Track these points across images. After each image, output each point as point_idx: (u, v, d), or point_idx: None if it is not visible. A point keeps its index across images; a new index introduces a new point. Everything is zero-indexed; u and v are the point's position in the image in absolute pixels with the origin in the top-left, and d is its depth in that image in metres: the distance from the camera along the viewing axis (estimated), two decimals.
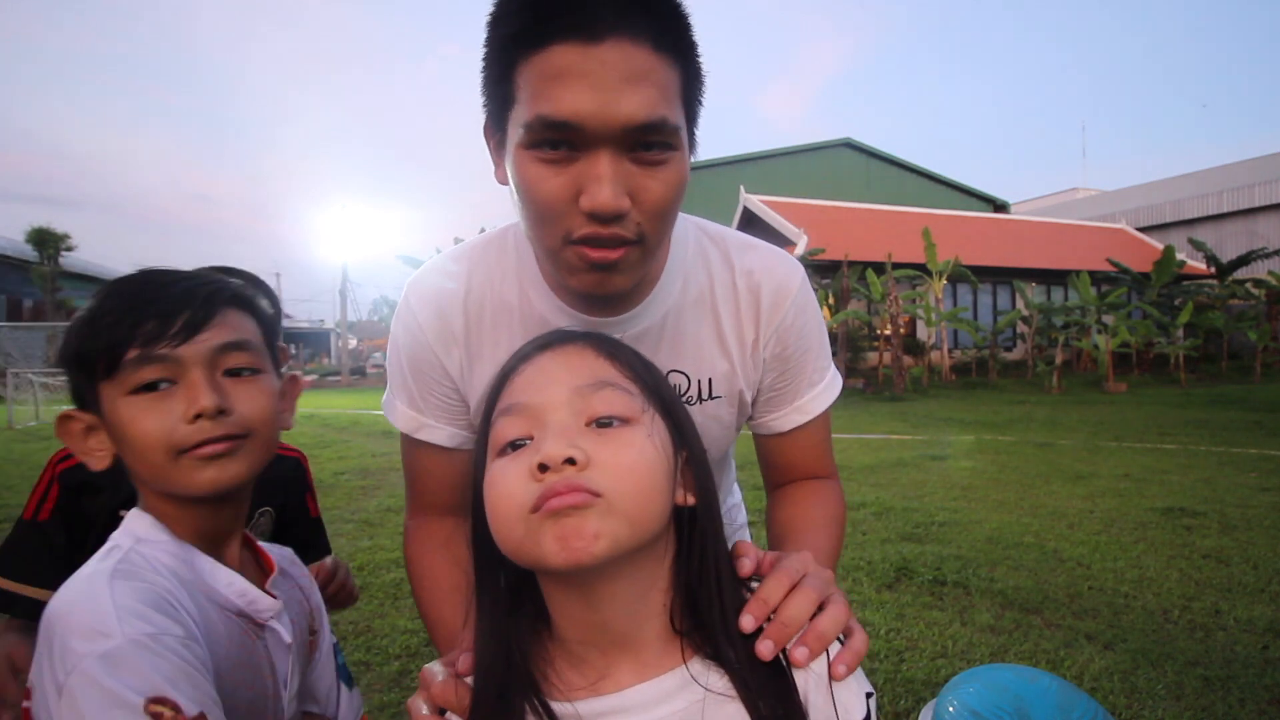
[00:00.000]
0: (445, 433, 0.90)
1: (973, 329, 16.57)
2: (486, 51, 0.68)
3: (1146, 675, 2.41)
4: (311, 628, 0.87)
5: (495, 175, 0.74)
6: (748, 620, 0.59)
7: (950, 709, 1.02)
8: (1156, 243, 22.20)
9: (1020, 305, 18.75)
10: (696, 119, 0.71)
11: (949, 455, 6.85)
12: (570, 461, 0.54)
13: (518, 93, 0.65)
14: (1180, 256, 18.17)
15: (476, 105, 0.74)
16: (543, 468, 0.54)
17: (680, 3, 0.66)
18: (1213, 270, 18.87)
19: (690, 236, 0.87)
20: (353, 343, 36.35)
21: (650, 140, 0.64)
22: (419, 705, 0.63)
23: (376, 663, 2.64)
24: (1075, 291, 17.10)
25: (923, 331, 18.05)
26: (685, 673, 0.59)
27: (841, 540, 0.93)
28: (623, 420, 0.58)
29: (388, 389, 0.93)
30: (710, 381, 0.88)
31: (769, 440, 0.97)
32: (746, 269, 0.87)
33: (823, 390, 0.94)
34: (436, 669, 0.64)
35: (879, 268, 16.39)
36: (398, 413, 0.91)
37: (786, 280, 0.88)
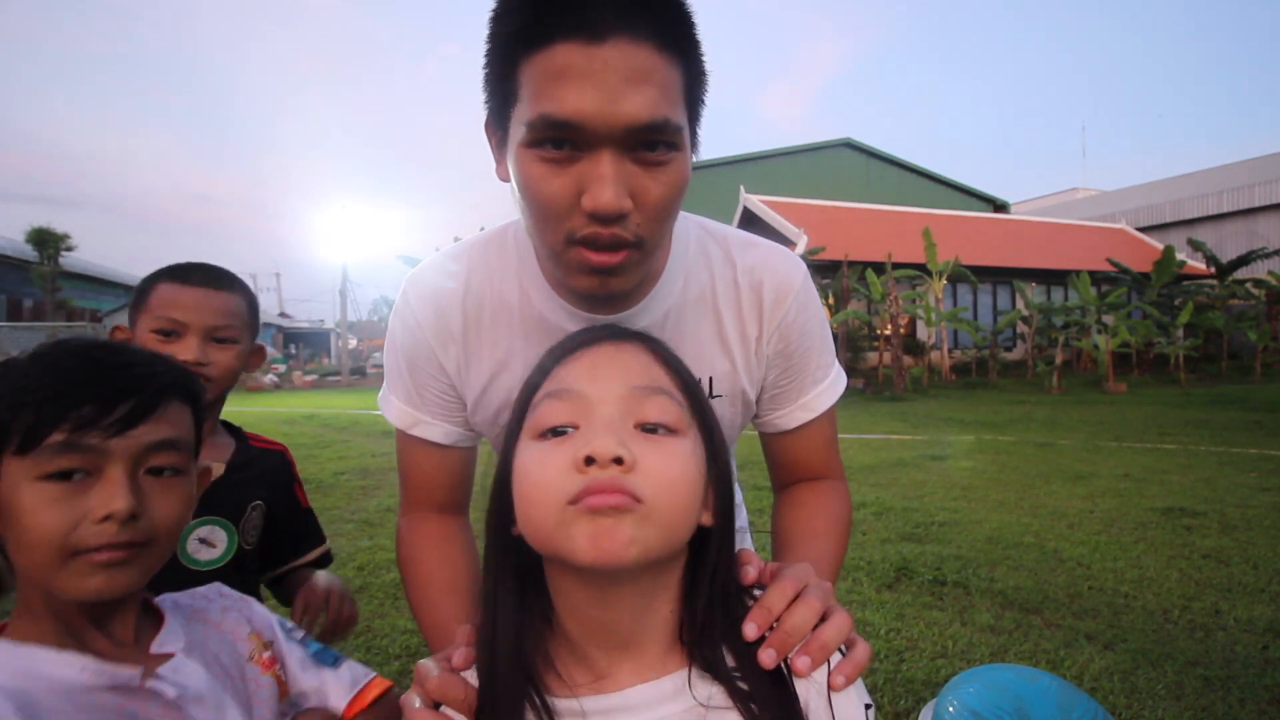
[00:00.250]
0: (441, 429, 0.90)
1: (973, 329, 16.56)
2: (488, 48, 0.68)
3: (1146, 675, 2.41)
4: (258, 647, 0.79)
5: (496, 172, 0.74)
6: (751, 628, 0.60)
7: (950, 709, 1.02)
8: (1156, 243, 22.19)
9: (1020, 305, 18.75)
10: (699, 119, 0.71)
11: (949, 455, 6.85)
12: (618, 461, 0.53)
13: (520, 90, 0.64)
14: (1180, 256, 18.17)
15: (477, 105, 0.73)
16: (589, 461, 0.53)
17: (684, 1, 0.66)
18: (1213, 270, 18.87)
19: (692, 235, 0.87)
20: (353, 343, 36.32)
21: (653, 140, 0.64)
22: (413, 700, 0.62)
23: (376, 663, 2.64)
24: (1075, 291, 17.09)
25: (923, 331, 18.05)
26: (685, 679, 0.59)
27: (846, 544, 0.95)
28: (669, 430, 0.58)
29: (384, 385, 0.93)
30: (711, 380, 0.88)
31: (775, 439, 0.97)
32: (749, 266, 0.87)
33: (827, 387, 0.94)
34: (431, 664, 0.64)
35: (879, 268, 16.38)
36: (394, 408, 0.91)
37: (789, 277, 0.88)
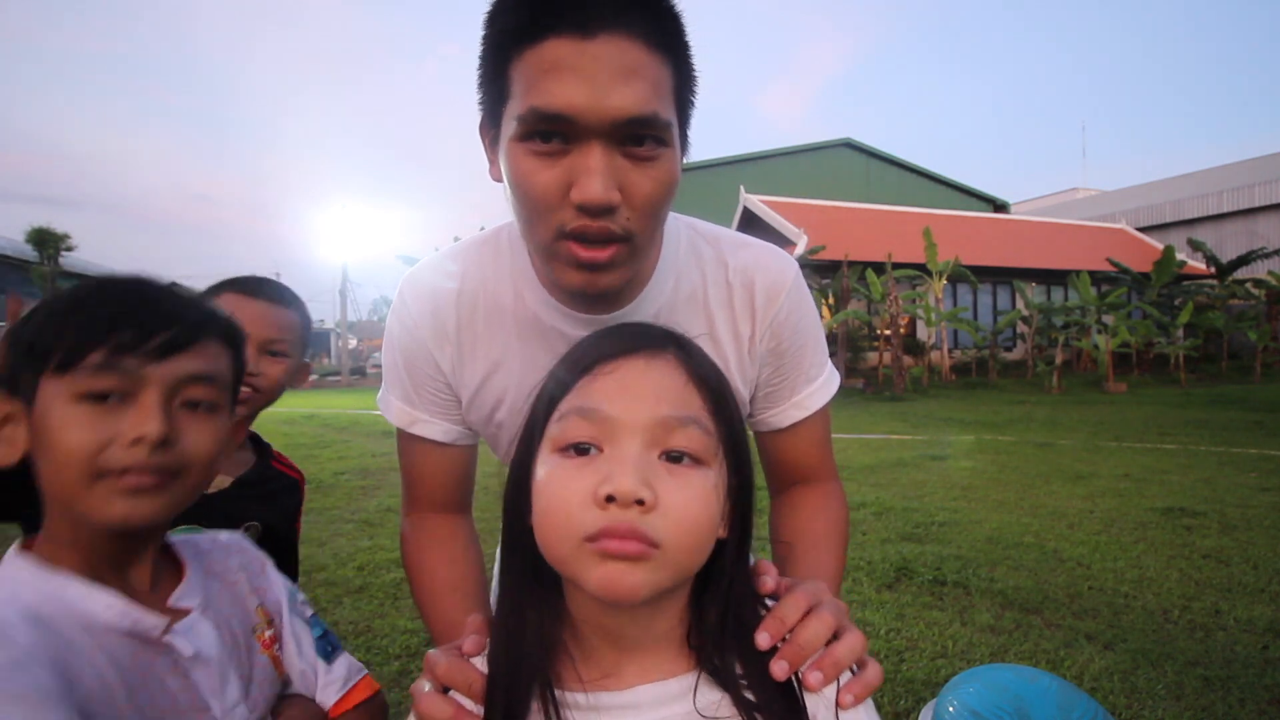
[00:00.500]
0: (439, 428, 0.90)
1: (973, 329, 16.56)
2: (483, 49, 0.69)
3: (1146, 675, 2.40)
4: (265, 620, 0.79)
5: (490, 173, 0.75)
6: (764, 638, 0.60)
7: (950, 709, 1.02)
8: (1156, 243, 22.20)
9: (1020, 305, 18.76)
10: (689, 120, 0.71)
11: (949, 455, 6.85)
12: (639, 502, 0.53)
13: (512, 87, 0.65)
14: (1180, 256, 18.17)
15: (477, 105, 0.74)
16: (609, 498, 0.53)
17: (674, 2, 0.67)
18: (1213, 270, 18.87)
19: (682, 235, 0.87)
20: (353, 343, 36.35)
21: (642, 135, 0.64)
22: (422, 685, 0.62)
23: (376, 663, 2.64)
24: (1075, 291, 17.09)
25: (923, 331, 18.05)
26: (690, 683, 0.59)
27: (845, 549, 0.94)
28: (695, 460, 0.57)
29: (383, 385, 0.94)
30: None
31: (769, 438, 0.97)
32: (740, 265, 0.87)
33: (821, 386, 0.94)
34: (440, 653, 0.64)
35: (879, 268, 16.39)
36: (393, 408, 0.92)
37: (781, 275, 0.88)
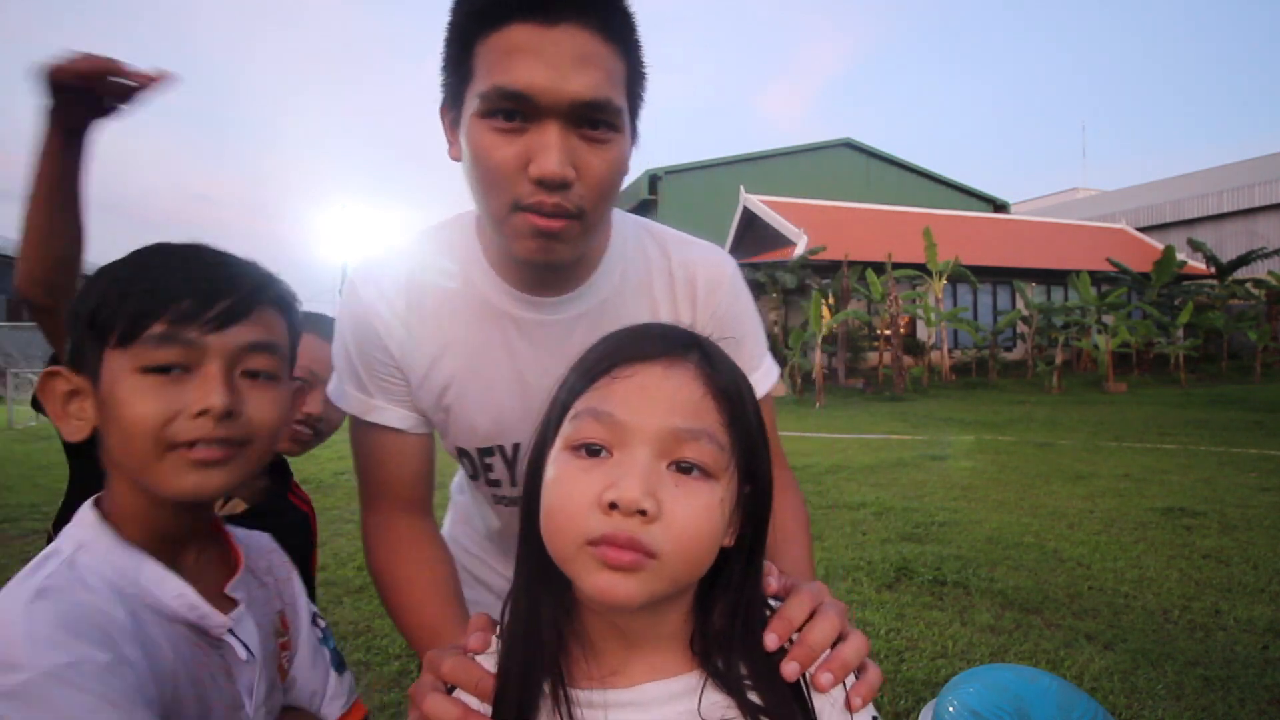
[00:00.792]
0: (395, 414, 0.90)
1: (973, 329, 16.56)
2: (449, 32, 0.73)
3: (1146, 675, 2.41)
4: (282, 627, 0.79)
5: (449, 152, 0.79)
6: (772, 639, 0.60)
7: (950, 709, 1.02)
8: (1156, 243, 22.20)
9: (1020, 305, 18.75)
10: (638, 113, 0.77)
11: (949, 455, 6.85)
12: (642, 512, 0.53)
13: (477, 67, 0.70)
14: (1180, 256, 18.18)
15: (440, 86, 0.78)
16: (613, 505, 0.53)
17: (627, 2, 0.73)
18: (1213, 270, 18.87)
19: (630, 230, 0.92)
20: None
21: (596, 118, 0.70)
22: (424, 685, 0.62)
23: (376, 663, 2.64)
24: (1075, 291, 17.10)
25: (923, 331, 18.05)
26: (695, 684, 0.60)
27: (811, 537, 0.99)
28: (704, 473, 0.57)
29: (334, 377, 0.93)
30: None
31: None
32: (683, 260, 0.92)
33: (761, 376, 0.96)
34: (443, 652, 0.64)
35: (879, 268, 16.38)
36: (348, 397, 0.91)
37: (720, 267, 0.93)
